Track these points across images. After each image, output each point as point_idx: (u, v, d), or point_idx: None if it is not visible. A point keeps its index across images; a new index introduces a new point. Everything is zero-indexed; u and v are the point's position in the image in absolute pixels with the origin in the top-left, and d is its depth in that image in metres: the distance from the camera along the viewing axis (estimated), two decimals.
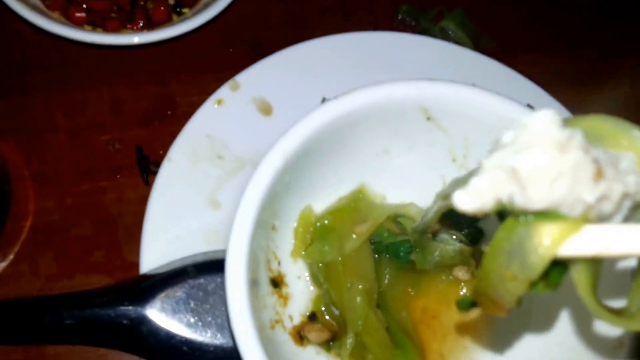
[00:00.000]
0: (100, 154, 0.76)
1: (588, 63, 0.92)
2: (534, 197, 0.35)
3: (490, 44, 0.87)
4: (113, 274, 0.70)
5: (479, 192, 0.36)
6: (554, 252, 0.36)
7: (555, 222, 0.36)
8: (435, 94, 0.57)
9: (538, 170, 0.35)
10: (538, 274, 0.36)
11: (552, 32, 0.95)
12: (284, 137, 0.54)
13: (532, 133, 0.35)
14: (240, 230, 0.51)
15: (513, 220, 0.37)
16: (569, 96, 0.80)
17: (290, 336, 0.59)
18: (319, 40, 0.77)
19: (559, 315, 0.59)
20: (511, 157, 0.35)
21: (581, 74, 0.91)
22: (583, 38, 0.95)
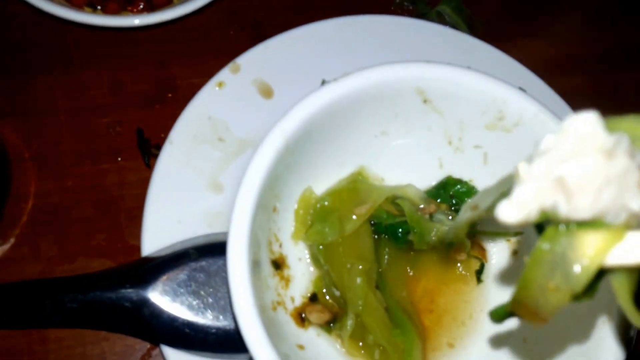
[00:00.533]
0: (101, 136, 0.73)
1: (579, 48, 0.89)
2: (580, 206, 0.32)
3: (485, 29, 0.84)
4: (114, 257, 0.68)
5: (524, 203, 0.33)
6: (599, 262, 0.33)
7: (599, 231, 0.33)
8: (431, 75, 0.56)
9: (585, 179, 0.32)
10: (583, 286, 0.34)
11: (544, 18, 0.92)
12: (284, 118, 0.52)
13: (576, 138, 0.33)
14: (241, 212, 0.50)
15: (554, 230, 0.34)
16: (560, 81, 0.77)
17: (291, 317, 0.57)
18: (319, 23, 0.74)
19: None
20: (557, 165, 0.33)
21: (572, 60, 0.88)
22: (575, 25, 0.92)
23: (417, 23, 0.77)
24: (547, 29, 0.91)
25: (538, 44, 0.88)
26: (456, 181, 0.63)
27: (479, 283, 0.62)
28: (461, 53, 0.75)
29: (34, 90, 0.74)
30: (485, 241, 0.64)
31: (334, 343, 0.58)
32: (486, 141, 0.59)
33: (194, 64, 0.78)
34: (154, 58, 0.78)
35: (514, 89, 0.55)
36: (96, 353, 0.64)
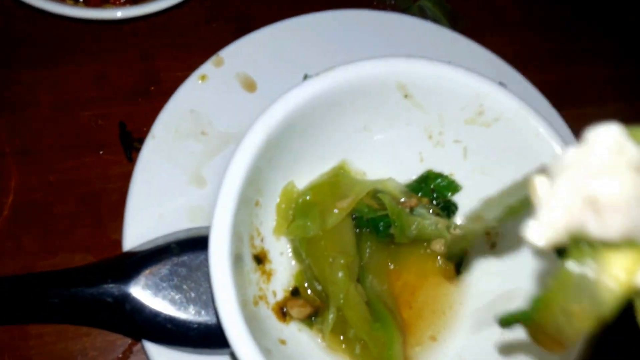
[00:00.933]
0: (83, 130, 0.71)
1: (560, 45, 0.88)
2: (610, 226, 0.29)
3: (466, 24, 0.82)
4: (97, 251, 0.65)
5: (554, 224, 0.30)
6: (630, 284, 0.30)
7: (629, 251, 0.30)
8: (412, 70, 0.54)
9: (618, 197, 0.29)
10: (611, 309, 0.31)
11: (524, 13, 0.90)
12: (266, 113, 0.50)
13: (602, 153, 0.30)
14: (223, 207, 0.48)
15: (579, 251, 0.31)
16: (540, 76, 0.75)
17: (273, 312, 0.55)
18: (303, 17, 0.73)
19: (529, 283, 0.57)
20: (585, 182, 0.30)
21: (552, 55, 0.87)
22: (555, 20, 0.90)
23: (399, 18, 0.75)
24: (527, 24, 0.89)
25: (518, 38, 0.86)
26: (437, 175, 0.62)
27: (459, 276, 0.60)
28: (442, 48, 0.74)
29: (17, 83, 0.71)
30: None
31: (315, 337, 0.57)
32: (466, 136, 0.58)
33: (178, 57, 0.76)
34: (138, 51, 0.76)
35: (495, 85, 0.54)
36: (77, 349, 0.62)
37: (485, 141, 0.56)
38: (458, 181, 0.61)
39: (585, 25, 0.91)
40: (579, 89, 0.85)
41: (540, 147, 0.53)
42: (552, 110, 0.71)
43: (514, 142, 0.54)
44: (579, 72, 0.87)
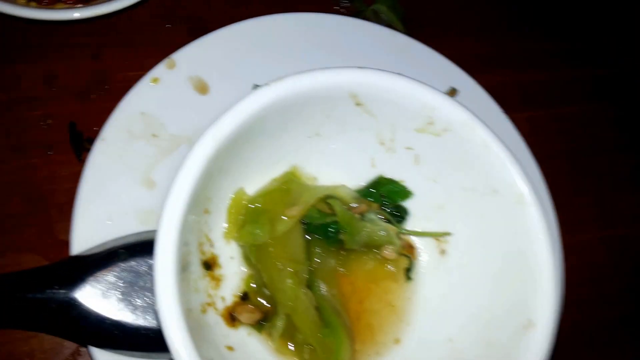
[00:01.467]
0: (32, 130, 0.68)
1: (511, 48, 0.89)
2: None
3: (419, 27, 0.82)
4: (45, 252, 0.64)
5: None
6: None
7: None
8: (364, 81, 0.53)
9: None
10: None
11: (476, 17, 0.90)
12: (215, 125, 0.49)
13: None
14: (169, 217, 0.47)
15: None
16: (491, 79, 0.76)
17: (222, 318, 0.55)
18: (256, 20, 0.71)
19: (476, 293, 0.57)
20: None
21: (503, 58, 0.87)
22: (506, 23, 0.91)
23: (354, 22, 0.74)
24: (479, 27, 0.89)
25: (470, 42, 0.87)
26: (388, 181, 0.61)
27: (408, 280, 0.60)
28: (396, 52, 0.73)
29: None
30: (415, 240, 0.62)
31: (265, 342, 0.56)
32: (417, 143, 0.57)
33: (130, 57, 0.74)
34: (89, 51, 0.73)
35: (444, 97, 0.53)
36: (24, 351, 0.60)
37: (436, 149, 0.56)
38: (409, 187, 0.61)
39: (537, 27, 0.91)
40: (530, 92, 0.86)
41: (488, 158, 0.53)
42: (502, 115, 0.71)
43: (463, 152, 0.54)
44: (529, 75, 0.88)
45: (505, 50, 0.88)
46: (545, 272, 0.51)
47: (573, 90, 0.88)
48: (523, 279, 0.53)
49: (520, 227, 0.53)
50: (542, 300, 0.50)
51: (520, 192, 0.52)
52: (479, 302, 0.56)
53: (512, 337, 0.51)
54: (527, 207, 0.52)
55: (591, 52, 0.91)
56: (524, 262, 0.53)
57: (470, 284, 0.57)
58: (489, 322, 0.54)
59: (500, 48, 0.88)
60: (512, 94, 0.84)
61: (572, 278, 0.69)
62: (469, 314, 0.56)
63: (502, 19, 0.91)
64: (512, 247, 0.54)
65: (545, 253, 0.51)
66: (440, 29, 0.87)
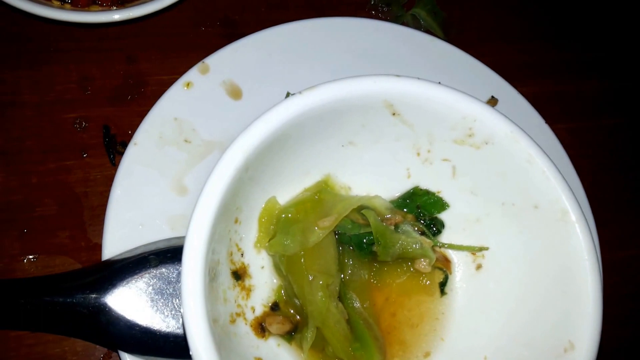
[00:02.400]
0: (66, 132, 0.68)
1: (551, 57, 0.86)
2: None
3: (459, 32, 0.80)
4: (77, 255, 0.63)
5: None
6: None
7: None
8: (400, 90, 0.51)
9: None
10: None
11: (518, 24, 0.88)
12: (244, 134, 0.48)
13: None
14: (197, 229, 0.45)
15: None
16: (533, 89, 0.73)
17: (251, 328, 0.53)
18: (291, 24, 0.70)
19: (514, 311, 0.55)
20: None
21: (544, 67, 0.84)
22: (551, 32, 0.88)
23: (391, 27, 0.72)
24: (521, 35, 0.86)
25: (512, 50, 0.84)
26: (424, 192, 0.59)
27: (443, 295, 0.58)
28: (434, 59, 0.71)
29: (0, 84, 0.68)
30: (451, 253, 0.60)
31: (294, 353, 0.55)
32: (455, 155, 0.55)
33: (164, 60, 0.73)
34: (123, 53, 0.73)
35: (485, 107, 0.51)
36: (56, 352, 0.60)
37: (475, 162, 0.54)
38: (445, 199, 0.59)
39: (579, 38, 0.88)
40: (572, 103, 0.83)
41: (531, 172, 0.51)
42: (545, 126, 0.69)
43: (504, 164, 0.52)
44: (572, 85, 0.85)
45: (546, 60, 0.86)
46: (588, 292, 0.49)
47: (616, 101, 0.85)
48: (564, 299, 0.50)
49: (563, 245, 0.51)
50: (585, 321, 0.48)
51: (565, 208, 0.50)
52: (517, 321, 0.54)
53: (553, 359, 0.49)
54: (571, 224, 0.50)
55: (636, 64, 0.88)
56: (565, 282, 0.50)
57: (508, 302, 0.55)
58: (526, 342, 0.52)
59: (541, 57, 0.86)
60: (553, 104, 0.81)
61: (615, 294, 0.66)
62: (506, 332, 0.54)
63: (544, 28, 0.89)
64: (553, 265, 0.52)
65: (589, 273, 0.49)
66: (480, 35, 0.84)
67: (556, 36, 0.88)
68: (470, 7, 0.87)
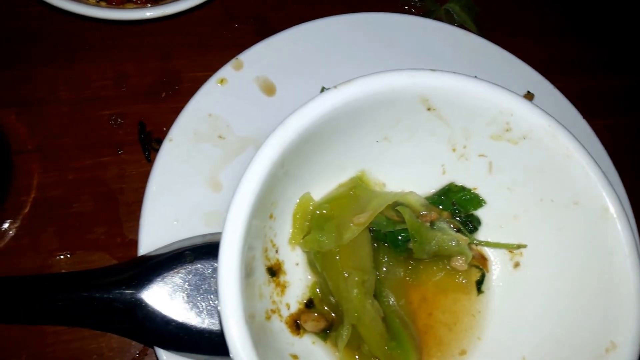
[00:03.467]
0: (102, 129, 0.69)
1: (588, 52, 0.84)
2: None
3: (492, 28, 0.79)
4: (113, 251, 0.64)
5: None
6: None
7: None
8: (436, 85, 0.51)
9: None
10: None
11: (553, 18, 0.86)
12: (280, 128, 0.47)
13: None
14: (234, 222, 0.45)
15: None
16: (569, 84, 0.72)
17: (286, 325, 0.53)
18: (324, 20, 0.69)
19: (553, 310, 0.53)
20: None
21: (581, 62, 0.82)
22: (588, 27, 0.86)
23: (425, 22, 0.71)
24: (557, 30, 0.85)
25: (548, 45, 0.82)
26: (459, 188, 0.59)
27: (479, 293, 0.58)
28: (469, 54, 0.70)
29: (37, 81, 0.70)
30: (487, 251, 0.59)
31: (329, 351, 0.54)
32: (491, 151, 0.54)
33: (198, 57, 0.73)
34: (158, 51, 0.73)
35: (522, 101, 0.50)
36: (93, 348, 0.61)
37: (513, 158, 0.53)
38: (482, 196, 0.58)
39: (617, 32, 0.87)
40: (610, 99, 0.81)
41: (571, 168, 0.50)
42: (582, 121, 0.67)
43: (543, 160, 0.51)
44: (609, 81, 0.83)
45: (581, 55, 0.84)
46: (630, 291, 0.47)
47: None
48: (605, 298, 0.49)
49: (603, 243, 0.49)
50: (628, 321, 0.47)
51: (605, 205, 0.49)
52: (556, 320, 0.53)
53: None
54: (612, 221, 0.49)
55: None
56: (606, 280, 0.49)
57: (546, 301, 0.54)
58: (566, 341, 0.51)
59: (576, 52, 0.84)
60: (590, 100, 0.79)
61: None
62: (545, 332, 0.53)
63: (578, 23, 0.87)
64: (593, 263, 0.51)
65: (630, 271, 0.48)
66: (514, 30, 0.83)
67: (591, 31, 0.86)
68: (504, 1, 0.85)
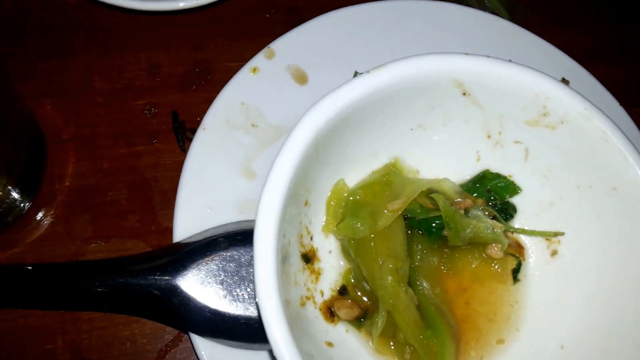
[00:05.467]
0: (136, 118, 0.69)
1: (623, 38, 0.82)
2: None
3: (526, 15, 0.77)
4: (147, 238, 0.64)
5: None
6: None
7: None
8: (471, 68, 0.50)
9: None
10: None
11: (586, 5, 0.84)
12: (313, 111, 0.47)
13: None
14: (268, 207, 0.45)
15: None
16: (605, 72, 0.70)
17: (320, 312, 0.53)
18: (355, 7, 0.69)
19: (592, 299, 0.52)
20: None
21: (616, 49, 0.81)
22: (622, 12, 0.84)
23: (456, 9, 0.70)
24: (591, 16, 0.83)
25: (582, 31, 0.81)
26: (494, 175, 0.58)
27: (516, 282, 0.57)
28: (501, 41, 0.69)
29: (72, 71, 0.70)
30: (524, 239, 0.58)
31: (363, 340, 0.54)
32: (528, 137, 0.53)
33: (230, 47, 0.73)
34: (190, 41, 0.73)
35: (559, 85, 0.49)
36: (127, 335, 0.61)
37: (549, 143, 0.52)
38: (517, 183, 0.57)
39: None
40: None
41: (608, 152, 0.48)
42: (620, 109, 0.66)
43: (580, 145, 0.49)
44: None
45: (617, 41, 0.82)
46: None
47: None
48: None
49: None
50: None
51: None
52: (595, 310, 0.52)
53: (634, 349, 0.46)
54: None
55: None
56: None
57: (585, 290, 0.53)
58: (606, 331, 0.50)
59: (610, 39, 0.82)
60: (627, 87, 0.77)
61: None
62: (584, 320, 0.52)
63: (611, 10, 0.84)
64: (634, 250, 0.49)
65: None
66: (547, 18, 0.81)
67: (625, 17, 0.84)
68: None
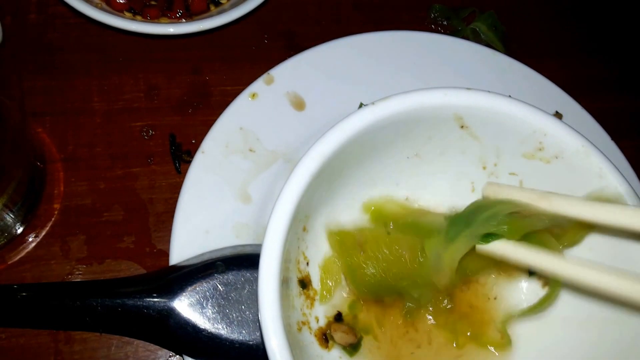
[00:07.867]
0: (134, 140, 0.71)
1: (615, 71, 0.85)
2: None
3: (519, 47, 0.80)
4: (142, 260, 0.65)
5: None
6: None
7: None
8: (471, 103, 0.52)
9: None
10: None
11: (579, 38, 0.87)
12: (322, 141, 0.48)
13: None
14: (275, 232, 0.46)
15: None
16: (596, 105, 0.73)
17: (315, 338, 0.54)
18: (353, 37, 0.71)
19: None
20: None
21: (608, 82, 0.84)
22: (612, 46, 0.87)
23: (452, 41, 0.73)
24: (583, 49, 0.86)
25: (574, 64, 0.84)
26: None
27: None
28: (497, 73, 0.72)
29: (71, 91, 0.71)
30: None
31: None
32: (523, 169, 0.55)
33: (228, 71, 0.75)
34: (189, 64, 0.75)
35: (555, 121, 0.51)
36: (119, 357, 0.61)
37: (544, 177, 0.54)
38: None
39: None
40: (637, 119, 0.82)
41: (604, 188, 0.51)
42: (611, 143, 0.68)
43: (574, 180, 0.51)
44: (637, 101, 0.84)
45: (610, 74, 0.85)
46: None
47: None
48: None
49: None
50: None
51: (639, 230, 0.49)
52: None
53: None
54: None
55: None
56: None
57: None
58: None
59: (605, 71, 0.85)
60: (618, 120, 0.79)
61: None
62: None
63: (605, 42, 0.88)
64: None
65: None
66: (541, 50, 0.84)
67: (618, 51, 0.87)
68: (531, 21, 0.87)
